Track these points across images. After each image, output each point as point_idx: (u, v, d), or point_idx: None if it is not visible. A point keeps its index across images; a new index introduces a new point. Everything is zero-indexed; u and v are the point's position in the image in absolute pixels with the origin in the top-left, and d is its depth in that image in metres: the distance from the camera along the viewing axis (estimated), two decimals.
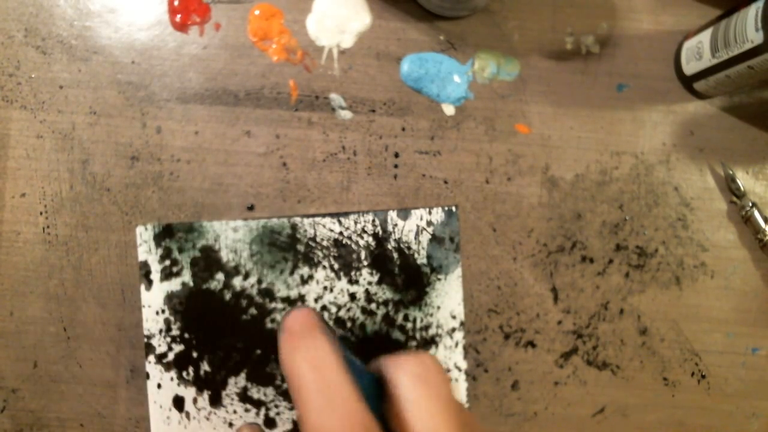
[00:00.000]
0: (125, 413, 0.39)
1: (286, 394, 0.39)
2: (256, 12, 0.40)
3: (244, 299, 0.39)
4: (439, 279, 0.39)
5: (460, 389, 0.39)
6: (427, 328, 0.39)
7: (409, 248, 0.39)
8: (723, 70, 0.37)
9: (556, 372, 0.40)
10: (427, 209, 0.39)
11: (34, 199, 0.40)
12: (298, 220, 0.39)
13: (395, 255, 0.39)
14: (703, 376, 0.41)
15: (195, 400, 0.38)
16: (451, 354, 0.39)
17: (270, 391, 0.39)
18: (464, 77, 0.41)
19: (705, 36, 0.38)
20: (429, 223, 0.39)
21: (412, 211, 0.39)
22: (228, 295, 0.39)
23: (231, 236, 0.39)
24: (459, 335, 0.39)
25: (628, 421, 0.40)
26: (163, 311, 0.38)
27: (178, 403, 0.38)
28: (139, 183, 0.40)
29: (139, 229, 0.38)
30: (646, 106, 0.41)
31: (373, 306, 0.39)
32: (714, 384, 0.41)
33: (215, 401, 0.38)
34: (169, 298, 0.38)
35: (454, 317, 0.39)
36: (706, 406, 0.41)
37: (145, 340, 0.38)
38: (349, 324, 0.39)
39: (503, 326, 0.40)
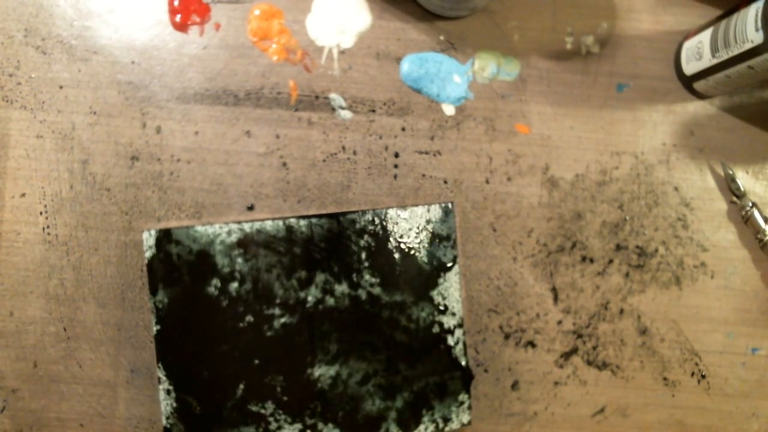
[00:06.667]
0: (125, 413, 0.39)
1: (285, 406, 0.38)
2: (256, 12, 0.40)
3: (240, 305, 0.38)
4: (440, 277, 0.39)
5: (462, 387, 0.39)
6: (430, 327, 0.39)
7: (409, 247, 0.39)
8: (723, 70, 0.37)
9: (556, 372, 0.40)
10: (426, 207, 0.39)
11: (34, 199, 0.40)
12: (293, 221, 0.39)
13: (396, 255, 0.39)
14: (703, 376, 0.41)
15: (197, 410, 0.38)
16: (453, 352, 0.39)
17: (269, 405, 0.38)
18: (464, 77, 0.41)
19: (705, 36, 0.38)
20: (428, 221, 0.39)
21: (411, 209, 0.39)
22: (224, 302, 0.38)
23: (225, 240, 0.38)
24: (459, 332, 0.39)
25: (628, 421, 0.40)
26: (168, 317, 0.38)
27: (184, 411, 0.38)
28: (139, 183, 0.40)
29: (145, 234, 0.38)
30: (646, 106, 0.41)
31: (376, 309, 0.39)
32: (714, 384, 0.41)
33: (216, 412, 0.38)
34: (171, 303, 0.38)
35: (454, 314, 0.39)
36: (706, 406, 0.41)
37: (157, 345, 0.38)
38: (352, 329, 0.39)
39: (503, 326, 0.40)
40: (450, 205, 0.40)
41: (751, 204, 0.40)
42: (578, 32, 0.41)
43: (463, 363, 0.39)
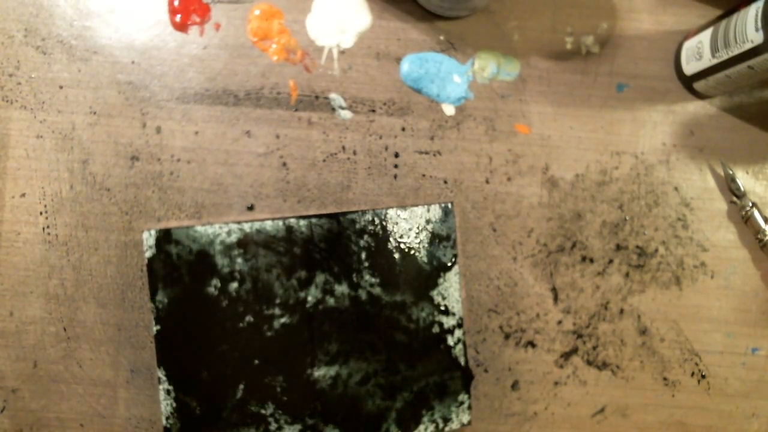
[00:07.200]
0: (125, 413, 0.39)
1: (285, 407, 0.38)
2: (256, 12, 0.40)
3: (240, 306, 0.38)
4: (440, 277, 0.39)
5: (462, 387, 0.39)
6: (430, 327, 0.39)
7: (409, 247, 0.39)
8: (723, 70, 0.37)
9: (556, 372, 0.40)
10: (426, 207, 0.39)
11: (34, 199, 0.40)
12: (293, 221, 0.39)
13: (396, 255, 0.39)
14: (703, 376, 0.41)
15: (197, 410, 0.38)
16: (453, 352, 0.39)
17: (269, 405, 0.38)
18: (464, 77, 0.41)
19: (705, 36, 0.38)
20: (428, 221, 0.39)
21: (411, 209, 0.39)
22: (224, 302, 0.38)
23: (225, 240, 0.38)
24: (459, 332, 0.39)
25: (628, 421, 0.40)
26: (168, 317, 0.38)
27: (184, 411, 0.38)
28: (139, 183, 0.40)
29: (145, 234, 0.38)
30: (646, 106, 0.41)
31: (376, 309, 0.39)
32: (714, 384, 0.41)
33: (216, 413, 0.38)
34: (171, 303, 0.38)
35: (454, 314, 0.39)
36: (706, 406, 0.41)
37: (157, 345, 0.38)
38: (352, 329, 0.39)
39: (503, 326, 0.40)
40: (450, 205, 0.40)
41: (751, 204, 0.40)
42: (578, 32, 0.41)
43: (463, 363, 0.39)
